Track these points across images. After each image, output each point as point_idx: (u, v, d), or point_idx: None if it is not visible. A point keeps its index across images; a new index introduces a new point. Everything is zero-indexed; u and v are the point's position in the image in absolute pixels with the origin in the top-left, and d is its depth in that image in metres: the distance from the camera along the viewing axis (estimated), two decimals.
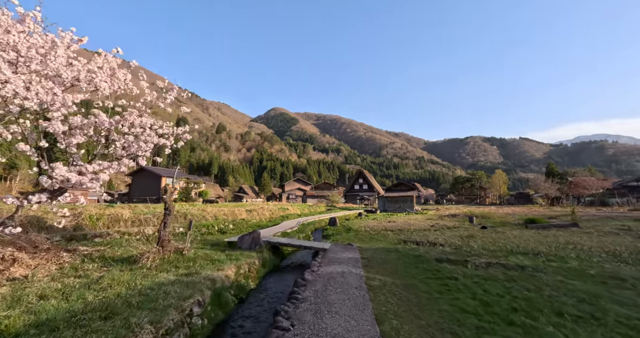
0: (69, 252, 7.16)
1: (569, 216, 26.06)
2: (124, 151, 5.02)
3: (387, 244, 12.07)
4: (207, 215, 18.70)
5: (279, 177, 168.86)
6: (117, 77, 4.48)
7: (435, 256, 9.21)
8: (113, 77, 4.53)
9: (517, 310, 4.94)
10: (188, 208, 18.64)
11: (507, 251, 9.96)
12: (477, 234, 15.10)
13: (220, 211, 20.93)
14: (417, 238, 13.46)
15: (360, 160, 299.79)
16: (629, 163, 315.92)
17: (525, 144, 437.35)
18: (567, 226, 17.95)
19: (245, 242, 9.22)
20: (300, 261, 10.92)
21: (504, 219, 26.76)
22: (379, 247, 11.07)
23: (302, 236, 15.67)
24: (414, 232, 16.65)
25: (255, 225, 19.19)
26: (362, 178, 75.71)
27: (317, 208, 43.65)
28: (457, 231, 17.24)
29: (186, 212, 17.10)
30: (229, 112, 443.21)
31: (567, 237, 13.73)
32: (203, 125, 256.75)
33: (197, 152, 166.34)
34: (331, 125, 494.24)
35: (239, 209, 23.97)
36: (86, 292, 4.47)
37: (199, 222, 16.72)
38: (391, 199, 45.91)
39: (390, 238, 13.85)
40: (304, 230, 18.38)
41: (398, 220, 25.72)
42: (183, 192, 55.04)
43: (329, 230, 19.42)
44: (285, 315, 4.35)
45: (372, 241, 13.10)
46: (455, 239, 13.14)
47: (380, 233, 16.15)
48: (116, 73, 4.45)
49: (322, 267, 7.67)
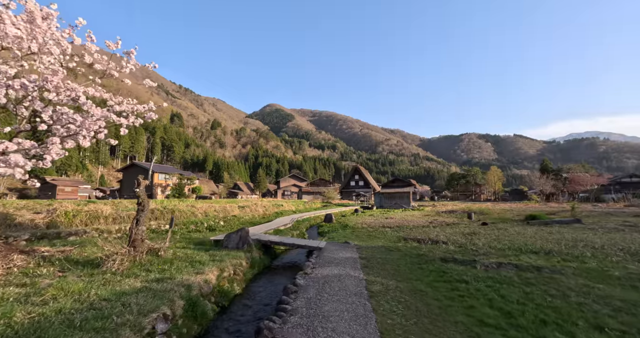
0: (25, 253, 6.21)
1: (567, 212, 25.70)
2: (63, 129, 4.01)
3: (387, 242, 11.30)
4: (197, 212, 17.74)
5: (274, 174, 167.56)
6: (37, 24, 3.45)
7: (440, 255, 8.46)
8: (33, 25, 3.51)
9: (547, 322, 4.18)
10: (176, 205, 17.64)
11: (515, 249, 9.26)
12: (479, 231, 14.45)
13: (211, 207, 19.97)
14: (418, 235, 12.73)
15: (356, 157, 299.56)
16: (619, 160, 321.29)
17: (519, 140, 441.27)
18: (569, 222, 17.44)
19: (232, 241, 8.34)
20: (294, 261, 10.10)
21: (503, 215, 26.30)
22: (378, 246, 10.29)
23: (296, 233, 14.85)
24: (414, 229, 15.96)
25: (247, 222, 18.31)
26: (358, 174, 75.08)
27: (312, 204, 42.87)
28: (458, 228, 16.60)
29: (173, 208, 16.12)
30: (224, 108, 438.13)
31: (572, 233, 13.12)
32: (198, 121, 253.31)
33: (191, 148, 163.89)
34: (327, 122, 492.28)
35: (231, 205, 23.03)
36: (18, 308, 3.56)
37: (187, 219, 15.77)
38: (387, 195, 45.32)
39: (389, 235, 13.10)
40: (299, 227, 17.55)
41: (395, 217, 25.07)
42: (176, 189, 53.83)
43: (324, 227, 18.64)
44: (270, 334, 3.51)
45: (370, 239, 12.33)
46: (457, 236, 12.45)
47: (378, 230, 15.41)
48: (36, 20, 3.42)
49: (317, 268, 6.85)
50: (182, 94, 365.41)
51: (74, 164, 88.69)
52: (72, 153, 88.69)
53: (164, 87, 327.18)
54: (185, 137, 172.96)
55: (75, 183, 71.25)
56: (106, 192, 74.70)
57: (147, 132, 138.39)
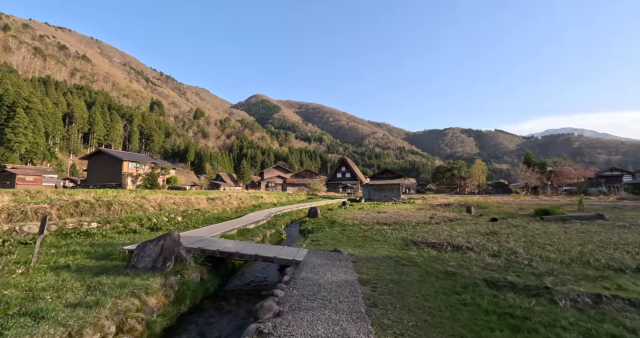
0: None
1: (570, 206, 23.83)
2: None
3: (392, 248, 8.25)
4: (147, 205, 14.06)
5: (259, 165, 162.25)
6: None
7: (482, 274, 5.49)
8: None
9: None
10: (116, 195, 13.84)
11: (579, 262, 6.41)
12: (497, 229, 11.75)
13: (169, 199, 16.30)
14: (428, 236, 9.79)
15: (343, 150, 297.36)
16: (592, 155, 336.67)
17: (500, 135, 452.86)
18: (591, 218, 15.13)
19: (147, 256, 4.96)
20: (260, 280, 6.88)
21: (503, 209, 24.10)
22: (383, 256, 7.21)
23: (271, 233, 11.60)
24: (417, 227, 13.07)
25: (214, 217, 14.86)
26: (345, 166, 72.33)
27: (296, 196, 39.63)
28: (467, 225, 13.89)
29: (111, 200, 12.38)
30: (208, 98, 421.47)
31: (611, 233, 10.63)
32: (180, 110, 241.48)
33: (172, 138, 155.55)
34: (314, 114, 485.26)
35: (199, 197, 19.40)
36: None
37: (130, 215, 12.11)
38: (377, 187, 42.72)
39: (391, 236, 10.10)
40: (276, 224, 14.30)
41: (388, 211, 22.31)
42: (148, 179, 49.10)
43: (307, 223, 15.44)
44: None
45: (367, 242, 9.26)
46: (477, 238, 9.63)
47: (374, 229, 12.41)
48: None
49: (286, 314, 3.68)
50: (164, 81, 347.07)
51: (40, 152, 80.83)
52: (39, 140, 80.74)
53: (144, 74, 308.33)
54: (165, 126, 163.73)
55: (39, 172, 64.98)
56: (77, 182, 68.58)
57: (124, 120, 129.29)
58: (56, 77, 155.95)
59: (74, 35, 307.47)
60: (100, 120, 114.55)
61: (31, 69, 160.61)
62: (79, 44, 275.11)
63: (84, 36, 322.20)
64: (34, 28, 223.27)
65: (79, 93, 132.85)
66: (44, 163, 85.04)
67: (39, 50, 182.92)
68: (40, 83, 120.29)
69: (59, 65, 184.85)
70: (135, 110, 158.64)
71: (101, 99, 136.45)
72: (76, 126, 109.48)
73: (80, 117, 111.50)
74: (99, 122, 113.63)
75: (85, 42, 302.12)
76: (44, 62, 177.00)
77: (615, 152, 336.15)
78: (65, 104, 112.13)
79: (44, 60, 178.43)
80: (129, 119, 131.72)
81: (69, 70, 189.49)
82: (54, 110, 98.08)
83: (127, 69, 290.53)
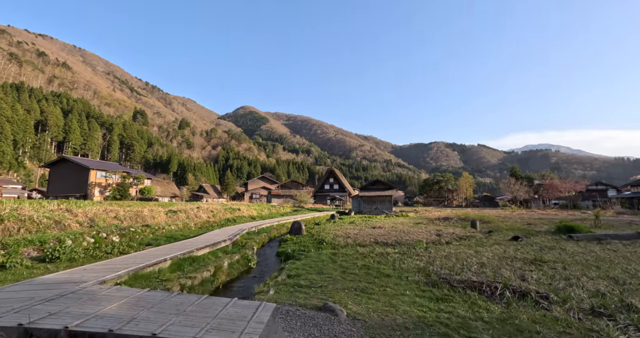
0: None
1: (581, 221, 21.60)
2: None
3: (418, 294, 5.10)
4: (72, 221, 10.43)
5: (245, 177, 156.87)
6: None
7: None
8: None
9: None
10: (18, 207, 10.12)
11: None
12: (540, 255, 8.87)
13: (111, 213, 12.65)
14: (456, 268, 6.76)
15: (330, 162, 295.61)
16: (568, 170, 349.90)
17: (482, 150, 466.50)
18: (631, 237, 12.67)
19: None
20: None
21: (508, 224, 21.58)
22: (412, 320, 4.05)
23: (231, 262, 8.24)
24: (430, 250, 10.02)
25: (167, 235, 11.36)
26: (333, 177, 69.54)
27: (280, 208, 36.08)
28: (489, 245, 11.02)
29: (8, 215, 8.77)
30: (194, 108, 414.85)
31: None
32: (164, 120, 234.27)
33: (155, 148, 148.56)
34: (302, 126, 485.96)
35: (155, 210, 15.73)
36: None
37: (35, 235, 8.52)
38: (368, 199, 39.86)
39: (403, 267, 6.98)
40: (246, 245, 10.93)
41: (384, 225, 19.28)
42: (118, 189, 44.60)
43: (288, 242, 12.15)
44: None
45: (372, 279, 6.10)
46: (526, 270, 6.72)
47: (376, 252, 9.30)
48: None
49: None
50: (149, 91, 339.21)
51: (7, 161, 73.86)
52: (6, 148, 73.92)
53: (128, 83, 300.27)
54: (148, 135, 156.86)
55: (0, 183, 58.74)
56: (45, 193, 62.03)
57: (104, 129, 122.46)
58: (32, 83, 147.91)
59: (55, 42, 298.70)
60: (77, 128, 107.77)
61: (5, 75, 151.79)
62: (60, 51, 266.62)
63: (66, 44, 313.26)
64: (11, 34, 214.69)
65: (55, 100, 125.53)
66: (10, 173, 77.95)
67: (14, 56, 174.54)
68: (12, 89, 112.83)
69: (36, 72, 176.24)
70: (117, 119, 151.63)
71: (79, 107, 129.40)
72: (49, 134, 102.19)
73: (55, 124, 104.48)
74: (76, 131, 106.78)
75: (68, 50, 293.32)
76: (19, 68, 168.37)
77: (590, 168, 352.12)
78: (38, 111, 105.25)
79: (19, 66, 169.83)
80: (109, 128, 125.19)
81: (46, 77, 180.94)
82: (25, 117, 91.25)
83: (110, 78, 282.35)
